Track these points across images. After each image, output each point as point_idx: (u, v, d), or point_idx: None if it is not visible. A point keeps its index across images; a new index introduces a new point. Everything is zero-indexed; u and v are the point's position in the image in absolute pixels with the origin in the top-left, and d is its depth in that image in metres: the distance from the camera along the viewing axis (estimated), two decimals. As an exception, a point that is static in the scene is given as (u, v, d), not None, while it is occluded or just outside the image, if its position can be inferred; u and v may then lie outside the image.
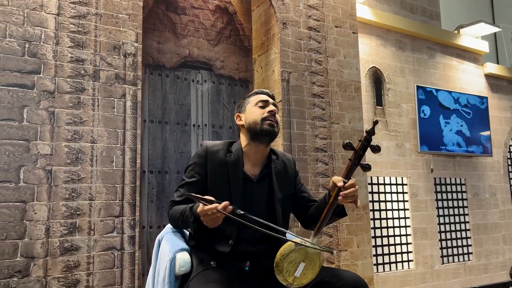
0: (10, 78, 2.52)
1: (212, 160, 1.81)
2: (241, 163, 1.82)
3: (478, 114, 5.44)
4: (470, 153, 5.27)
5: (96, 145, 2.71)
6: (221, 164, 1.80)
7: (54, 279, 2.47)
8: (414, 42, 5.16)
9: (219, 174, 1.79)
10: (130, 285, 2.67)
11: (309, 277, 1.59)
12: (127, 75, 2.87)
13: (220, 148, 1.84)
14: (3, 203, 2.41)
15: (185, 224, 1.73)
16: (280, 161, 1.91)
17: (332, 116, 3.72)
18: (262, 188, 1.83)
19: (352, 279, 1.66)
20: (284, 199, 1.86)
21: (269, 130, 1.78)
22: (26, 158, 2.50)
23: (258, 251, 1.73)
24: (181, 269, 1.69)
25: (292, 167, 1.95)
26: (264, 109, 1.82)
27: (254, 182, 1.82)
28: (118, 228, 2.70)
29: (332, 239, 3.51)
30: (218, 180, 1.79)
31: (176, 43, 3.59)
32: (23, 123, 2.52)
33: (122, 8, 2.92)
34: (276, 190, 1.83)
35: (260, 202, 1.82)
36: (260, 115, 1.81)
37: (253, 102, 1.86)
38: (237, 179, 1.78)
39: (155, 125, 3.43)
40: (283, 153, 1.99)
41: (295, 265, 1.57)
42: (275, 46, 3.59)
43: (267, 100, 1.86)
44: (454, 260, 5.02)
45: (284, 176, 1.89)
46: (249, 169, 1.83)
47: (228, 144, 1.88)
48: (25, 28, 2.60)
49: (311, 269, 1.60)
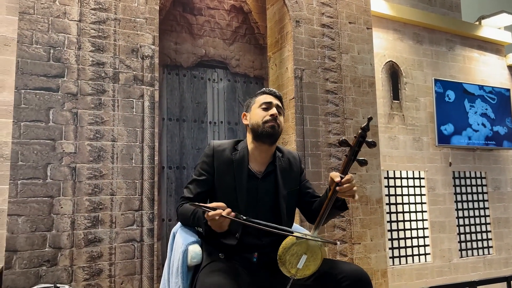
0: (37, 82, 2.71)
1: (219, 158, 1.90)
2: (246, 161, 1.90)
3: (503, 101, 5.38)
4: (491, 144, 5.21)
5: (117, 143, 2.88)
6: (227, 162, 1.89)
7: (79, 268, 2.67)
8: (433, 34, 5.12)
9: (226, 172, 1.88)
10: (150, 275, 2.85)
11: (311, 269, 1.66)
12: (145, 77, 3.02)
13: (226, 147, 1.93)
14: (32, 198, 2.61)
15: (196, 225, 1.83)
16: (285, 159, 1.98)
17: (345, 112, 3.78)
18: (267, 185, 1.91)
19: (352, 272, 1.70)
20: (288, 195, 1.93)
21: (269, 133, 1.86)
22: (52, 156, 2.69)
23: (265, 243, 1.81)
24: (193, 261, 1.79)
25: (297, 164, 2.02)
26: (267, 112, 1.89)
27: (259, 179, 1.90)
28: (138, 221, 2.87)
29: (345, 232, 3.59)
30: (225, 177, 1.88)
31: (193, 43, 3.72)
32: (49, 124, 2.71)
33: (140, 12, 3.06)
34: (280, 186, 1.91)
35: (265, 198, 1.89)
36: (262, 118, 1.88)
37: (257, 103, 1.93)
38: (242, 176, 1.87)
39: (173, 123, 3.59)
40: (289, 151, 2.06)
41: (297, 258, 1.66)
42: (289, 44, 3.67)
43: (271, 102, 1.91)
44: (474, 254, 5.01)
45: (289, 173, 1.96)
46: (255, 166, 1.92)
47: (235, 143, 1.97)
48: (50, 34, 2.78)
49: (313, 261, 1.68)
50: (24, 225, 2.57)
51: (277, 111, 1.91)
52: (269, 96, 1.95)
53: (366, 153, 3.80)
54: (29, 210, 2.59)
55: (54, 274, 2.60)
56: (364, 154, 3.77)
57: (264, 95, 1.97)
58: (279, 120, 1.90)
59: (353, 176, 1.72)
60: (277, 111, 1.91)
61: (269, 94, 1.96)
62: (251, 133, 1.92)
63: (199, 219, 1.75)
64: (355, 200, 1.78)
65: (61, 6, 2.83)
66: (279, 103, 1.96)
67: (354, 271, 1.71)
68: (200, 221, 1.74)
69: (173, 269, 1.87)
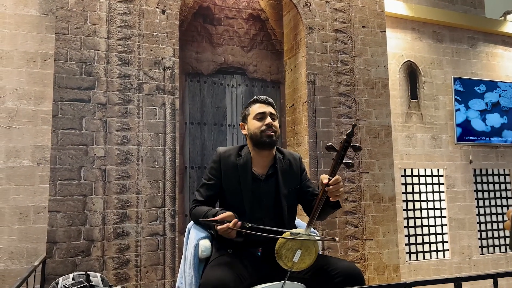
0: (71, 94, 3.08)
1: (225, 164, 2.12)
2: (249, 165, 2.11)
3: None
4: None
5: (141, 148, 3.21)
6: (232, 167, 2.11)
7: (110, 258, 3.03)
8: (454, 32, 5.14)
9: (232, 176, 2.10)
10: (171, 265, 3.16)
11: (307, 262, 1.87)
12: (166, 86, 3.32)
13: (231, 153, 2.15)
14: (69, 196, 2.99)
15: (208, 228, 2.08)
16: (286, 160, 2.17)
17: (358, 113, 3.94)
18: (269, 186, 2.10)
19: (345, 268, 1.86)
20: (289, 194, 2.12)
21: (267, 141, 2.07)
22: (85, 160, 3.06)
23: (267, 239, 2.00)
24: (203, 254, 2.03)
25: (297, 164, 2.20)
26: (263, 122, 2.08)
27: (262, 180, 2.10)
28: (161, 217, 3.19)
29: (357, 229, 3.77)
30: (231, 180, 2.10)
31: (213, 52, 4.00)
32: (82, 131, 3.07)
33: (161, 27, 3.36)
34: (281, 186, 2.10)
35: (268, 198, 2.09)
36: (259, 128, 2.07)
37: (252, 114, 2.12)
38: (246, 179, 2.08)
39: (195, 126, 3.89)
40: (289, 152, 2.24)
41: (292, 252, 1.87)
42: (302, 50, 3.87)
43: (264, 112, 2.10)
44: (495, 251, 5.03)
45: (289, 173, 2.15)
46: (257, 169, 2.12)
47: (239, 149, 2.18)
48: (82, 51, 3.14)
49: (308, 255, 1.88)
50: (62, 220, 2.94)
51: (271, 119, 2.10)
52: (262, 105, 2.13)
53: (379, 153, 3.96)
54: (66, 207, 2.97)
55: (88, 263, 2.97)
56: (377, 154, 3.93)
57: (257, 104, 2.15)
58: (274, 126, 2.09)
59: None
60: (271, 118, 2.10)
61: (261, 103, 2.14)
62: (251, 141, 2.13)
63: (212, 226, 1.98)
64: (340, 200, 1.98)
65: (92, 25, 3.17)
66: (272, 109, 2.13)
67: (347, 267, 1.87)
68: (212, 227, 1.98)
69: (187, 261, 2.09)
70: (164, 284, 3.13)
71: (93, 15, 3.19)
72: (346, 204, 3.77)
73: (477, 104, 5.04)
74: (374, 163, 3.93)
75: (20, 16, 3.41)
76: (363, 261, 3.75)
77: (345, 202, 3.77)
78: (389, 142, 4.03)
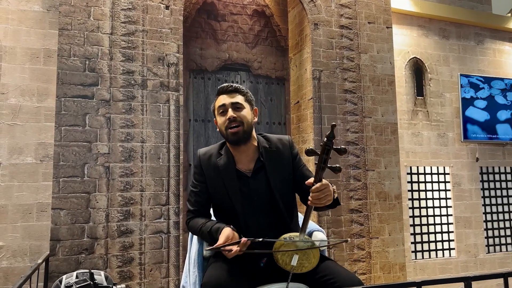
0: (74, 90, 3.05)
1: (206, 166, 1.94)
2: (232, 163, 1.91)
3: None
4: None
5: (145, 144, 3.18)
6: (214, 168, 1.92)
7: (113, 256, 3.00)
8: (460, 29, 5.08)
9: (215, 178, 1.92)
10: (176, 263, 3.13)
11: (307, 266, 1.78)
12: (170, 83, 3.29)
13: (211, 153, 1.96)
14: (72, 193, 2.96)
15: (205, 240, 1.95)
16: (273, 149, 1.94)
17: (364, 110, 3.90)
18: (259, 181, 1.90)
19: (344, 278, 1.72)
20: (282, 186, 1.91)
21: (233, 139, 1.87)
22: (88, 157, 3.03)
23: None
24: (207, 253, 1.99)
25: (287, 150, 1.97)
26: (225, 116, 1.87)
27: (249, 177, 1.91)
28: (165, 215, 3.16)
29: (363, 227, 3.73)
30: (215, 182, 1.92)
31: (217, 48, 3.96)
32: (85, 128, 3.04)
33: (165, 23, 3.33)
34: (272, 179, 1.89)
35: (259, 195, 1.90)
36: (223, 125, 1.88)
37: (216, 109, 1.92)
38: (231, 178, 1.89)
39: (199, 123, 3.86)
40: (278, 138, 2.00)
41: (289, 256, 1.78)
42: (307, 46, 3.83)
43: (224, 104, 1.88)
44: (502, 250, 4.98)
45: (279, 163, 1.93)
46: (242, 166, 1.93)
47: (219, 147, 1.98)
48: (85, 47, 3.10)
49: (307, 260, 1.79)
50: (65, 218, 2.92)
51: (233, 111, 1.86)
52: (222, 96, 1.91)
53: (385, 151, 3.92)
54: (70, 204, 2.94)
55: (92, 261, 2.94)
56: (383, 151, 3.89)
57: (218, 96, 1.93)
58: (239, 117, 1.86)
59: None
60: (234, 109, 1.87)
61: (222, 93, 1.92)
62: (224, 138, 1.95)
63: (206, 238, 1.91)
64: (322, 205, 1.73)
65: (95, 21, 3.14)
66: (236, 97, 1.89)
67: (346, 277, 1.73)
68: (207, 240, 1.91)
69: (191, 259, 2.07)
70: (168, 282, 3.11)
71: (96, 10, 3.16)
72: (351, 202, 3.73)
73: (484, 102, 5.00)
74: (380, 160, 3.89)
75: (23, 12, 3.38)
76: (369, 259, 3.71)
77: (351, 200, 3.74)
78: (395, 139, 3.98)
